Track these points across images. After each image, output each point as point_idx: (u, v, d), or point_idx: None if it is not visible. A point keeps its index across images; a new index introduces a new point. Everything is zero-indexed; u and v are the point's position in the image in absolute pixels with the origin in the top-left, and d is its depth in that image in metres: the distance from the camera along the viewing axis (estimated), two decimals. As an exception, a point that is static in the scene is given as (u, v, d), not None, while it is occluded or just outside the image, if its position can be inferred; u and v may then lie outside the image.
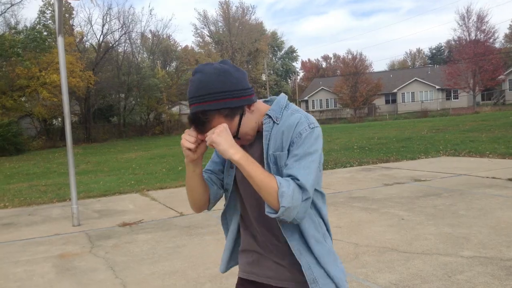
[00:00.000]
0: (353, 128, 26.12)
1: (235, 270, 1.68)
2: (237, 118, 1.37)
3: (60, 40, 5.96)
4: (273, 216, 1.33)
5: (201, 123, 1.35)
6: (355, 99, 47.30)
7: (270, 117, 1.44)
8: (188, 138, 1.39)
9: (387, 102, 52.84)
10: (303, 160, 1.36)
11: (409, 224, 5.31)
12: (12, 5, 25.50)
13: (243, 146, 1.43)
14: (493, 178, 8.05)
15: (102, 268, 4.45)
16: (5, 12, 26.07)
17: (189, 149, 1.39)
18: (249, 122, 1.41)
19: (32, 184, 11.37)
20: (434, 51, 79.67)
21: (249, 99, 1.38)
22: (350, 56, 51.23)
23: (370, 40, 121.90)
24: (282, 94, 1.53)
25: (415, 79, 50.49)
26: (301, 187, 1.32)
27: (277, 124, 1.42)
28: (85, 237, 5.71)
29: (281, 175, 1.37)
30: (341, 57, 61.39)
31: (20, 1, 25.92)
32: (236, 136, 1.39)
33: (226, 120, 1.35)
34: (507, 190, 6.91)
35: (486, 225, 5.06)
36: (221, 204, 1.63)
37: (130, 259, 4.66)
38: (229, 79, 1.34)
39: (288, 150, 1.39)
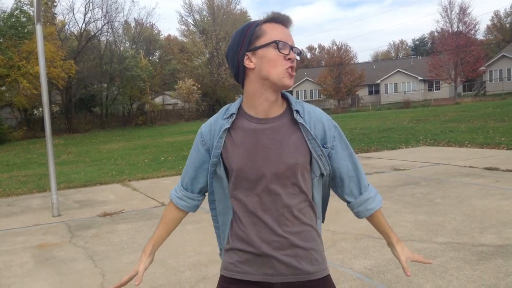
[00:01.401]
0: (336, 119, 26.27)
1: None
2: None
3: (38, 28, 5.87)
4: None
5: (289, 20, 1.48)
6: (339, 90, 47.58)
7: (298, 112, 1.47)
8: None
9: (370, 93, 53.31)
10: (359, 165, 1.59)
11: (386, 212, 5.41)
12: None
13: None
14: (470, 167, 8.23)
15: (81, 257, 4.45)
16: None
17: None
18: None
19: (12, 174, 11.22)
20: (417, 42, 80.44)
21: None
22: (335, 47, 51.41)
23: (354, 31, 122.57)
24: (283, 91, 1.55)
25: (398, 70, 50.97)
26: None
27: (304, 118, 1.46)
28: (65, 228, 5.68)
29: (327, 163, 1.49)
30: (326, 47, 61.54)
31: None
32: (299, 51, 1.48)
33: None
34: (483, 179, 7.07)
35: (461, 212, 5.19)
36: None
37: (110, 249, 4.67)
38: None
39: (326, 146, 1.49)
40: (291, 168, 1.43)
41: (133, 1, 56.47)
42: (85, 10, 36.86)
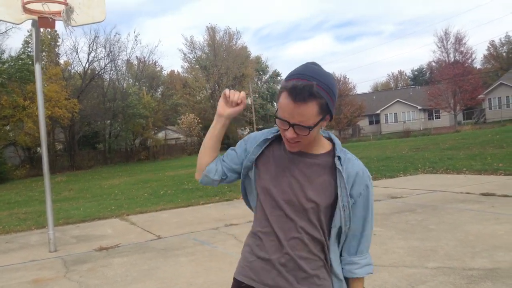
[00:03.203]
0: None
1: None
2: (319, 119, 1.42)
3: (37, 68, 6.08)
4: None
5: (301, 97, 1.37)
6: (339, 121, 47.89)
7: (340, 158, 1.51)
8: (235, 93, 1.60)
9: (370, 123, 53.63)
10: (369, 231, 1.57)
11: (380, 239, 5.42)
12: (-3, 35, 25.65)
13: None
14: (467, 193, 8.24)
15: (75, 291, 4.47)
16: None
17: (233, 103, 1.63)
18: (315, 134, 1.48)
19: (13, 212, 11.27)
20: (416, 72, 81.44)
21: (331, 114, 1.47)
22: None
23: (353, 63, 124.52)
24: (334, 136, 1.61)
25: (398, 100, 51.45)
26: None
27: (343, 167, 1.50)
28: (61, 262, 5.71)
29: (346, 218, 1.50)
30: (325, 80, 62.23)
31: (5, 32, 26.08)
32: (308, 129, 1.42)
33: (316, 112, 1.40)
34: (479, 204, 7.09)
35: (455, 238, 5.20)
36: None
37: (103, 282, 4.69)
38: (336, 88, 1.47)
39: (355, 200, 1.51)
40: (310, 204, 1.49)
41: (136, 40, 57.73)
42: (89, 50, 37.62)
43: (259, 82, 69.98)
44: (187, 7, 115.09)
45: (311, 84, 1.37)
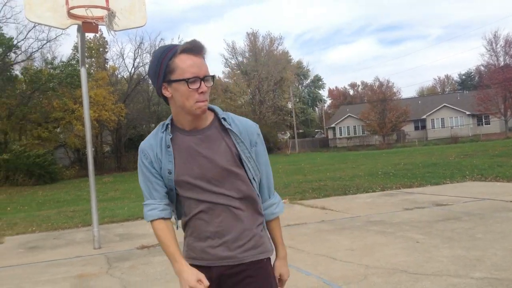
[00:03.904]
0: (380, 155, 25.85)
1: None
2: None
3: (83, 71, 6.34)
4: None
5: (203, 50, 1.60)
6: (384, 126, 46.88)
7: (225, 119, 1.67)
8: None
9: (416, 128, 52.12)
10: (271, 172, 1.78)
11: (423, 247, 5.24)
12: (47, 41, 26.95)
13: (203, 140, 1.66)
14: (518, 202, 7.83)
15: (116, 287, 4.59)
16: (41, 48, 27.53)
17: None
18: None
19: (61, 210, 11.77)
20: (463, 76, 78.48)
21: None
22: (377, 83, 51.17)
23: (398, 67, 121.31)
24: (212, 105, 1.75)
25: (444, 105, 49.76)
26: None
27: (231, 124, 1.66)
28: (104, 259, 5.89)
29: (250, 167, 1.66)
30: (369, 84, 61.29)
31: (55, 38, 27.36)
32: (212, 79, 1.61)
33: None
34: (531, 214, 6.71)
35: (503, 247, 4.95)
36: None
37: (144, 279, 4.79)
38: None
39: (251, 148, 1.68)
40: (225, 171, 1.62)
41: (180, 45, 58.79)
42: (134, 56, 38.83)
43: (300, 86, 69.72)
44: (230, 13, 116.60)
45: (201, 41, 1.59)
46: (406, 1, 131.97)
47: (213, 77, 1.61)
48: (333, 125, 57.29)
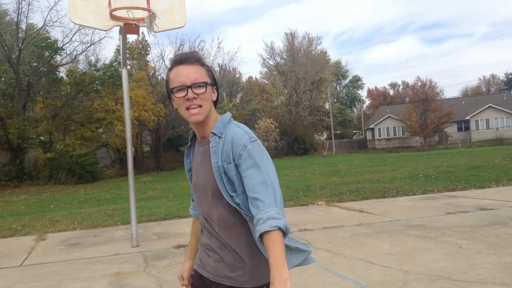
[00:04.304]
0: (421, 157, 25.12)
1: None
2: (209, 80, 1.66)
3: (124, 72, 6.47)
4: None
5: (190, 59, 1.63)
6: (425, 127, 45.57)
7: (215, 134, 1.64)
8: None
9: (459, 129, 50.38)
10: (265, 186, 1.51)
11: (467, 253, 5.01)
12: (91, 44, 27.85)
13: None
14: None
15: (152, 286, 4.64)
16: (85, 50, 28.49)
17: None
18: (211, 104, 1.67)
19: (101, 208, 12.08)
20: (510, 76, 75.19)
21: (218, 87, 1.75)
22: (419, 83, 49.82)
23: (440, 66, 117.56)
24: (228, 113, 1.74)
25: (490, 106, 47.83)
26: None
27: (222, 137, 1.62)
28: (141, 257, 5.98)
29: (231, 184, 1.57)
30: (410, 84, 59.75)
31: (99, 41, 28.27)
32: (204, 85, 1.62)
33: (205, 73, 1.65)
34: None
35: (555, 256, 4.65)
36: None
37: (179, 279, 4.81)
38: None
39: (236, 164, 1.56)
40: (209, 185, 1.65)
41: (219, 47, 59.60)
42: (174, 57, 39.50)
43: (338, 86, 68.90)
44: (269, 14, 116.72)
45: (195, 51, 1.65)
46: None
47: (206, 83, 1.61)
48: (372, 126, 56.23)
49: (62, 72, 29.48)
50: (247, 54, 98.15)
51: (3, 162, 24.39)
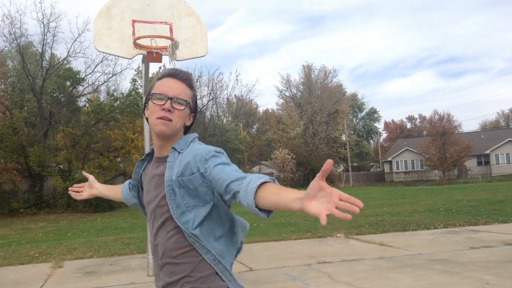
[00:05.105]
0: (441, 190, 24.65)
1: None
2: (190, 104, 1.68)
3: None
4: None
5: (182, 76, 1.65)
6: (444, 161, 44.90)
7: (175, 149, 1.62)
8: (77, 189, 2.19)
9: (479, 163, 49.50)
10: (229, 166, 1.51)
11: (495, 289, 4.80)
12: (113, 75, 28.55)
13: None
14: None
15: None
16: (107, 81, 29.20)
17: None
18: (181, 123, 1.67)
19: (118, 237, 12.05)
20: (531, 110, 74.22)
21: (195, 114, 1.79)
22: (436, 117, 49.49)
23: (458, 101, 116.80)
24: (194, 133, 1.73)
25: (509, 140, 47.05)
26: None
27: (182, 153, 1.60)
28: (157, 287, 5.88)
29: (191, 197, 1.54)
30: (427, 117, 59.35)
31: (120, 72, 28.95)
32: (185, 103, 1.63)
33: (190, 96, 1.67)
34: None
35: None
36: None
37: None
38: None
39: (201, 172, 1.52)
40: (161, 207, 1.60)
41: (237, 79, 60.54)
42: (193, 89, 40.28)
43: (354, 119, 68.85)
44: (285, 48, 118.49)
45: (190, 73, 1.65)
46: (467, 33, 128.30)
47: (187, 102, 1.61)
48: (389, 159, 55.67)
49: (83, 102, 30.18)
50: (263, 86, 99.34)
51: (23, 190, 24.68)
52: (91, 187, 2.17)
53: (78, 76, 26.71)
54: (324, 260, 6.95)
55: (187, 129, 1.71)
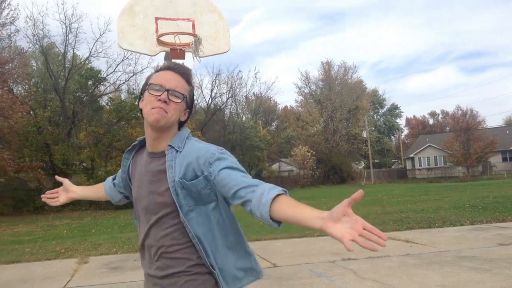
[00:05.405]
0: (465, 187, 24.15)
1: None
2: (186, 98, 1.65)
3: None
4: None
5: (181, 70, 1.64)
6: (468, 157, 44.01)
7: (172, 147, 1.59)
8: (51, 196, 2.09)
9: (504, 159, 48.42)
10: (236, 170, 1.50)
11: (528, 287, 4.65)
12: (133, 74, 28.88)
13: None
14: None
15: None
16: (128, 80, 29.56)
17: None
18: (175, 118, 1.65)
19: (141, 233, 12.17)
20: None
21: (191, 110, 1.76)
22: (459, 112, 48.53)
23: (481, 96, 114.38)
24: (186, 128, 1.70)
25: (536, 135, 45.81)
26: None
27: (180, 152, 1.58)
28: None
29: (192, 199, 1.54)
30: (450, 113, 58.25)
31: (141, 71, 29.26)
32: (181, 96, 1.61)
33: (187, 90, 1.65)
34: None
35: None
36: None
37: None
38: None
39: (205, 175, 1.52)
40: (162, 205, 1.58)
41: (256, 77, 60.41)
42: (212, 87, 40.39)
43: (375, 115, 68.10)
44: (303, 45, 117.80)
45: (189, 69, 1.64)
46: (491, 27, 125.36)
47: (184, 96, 1.59)
48: (411, 155, 54.86)
49: (105, 101, 30.62)
50: (282, 84, 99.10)
51: (47, 187, 25.20)
52: (68, 191, 2.10)
53: (99, 76, 27.10)
54: (348, 257, 6.87)
55: (180, 125, 1.68)
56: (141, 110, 1.62)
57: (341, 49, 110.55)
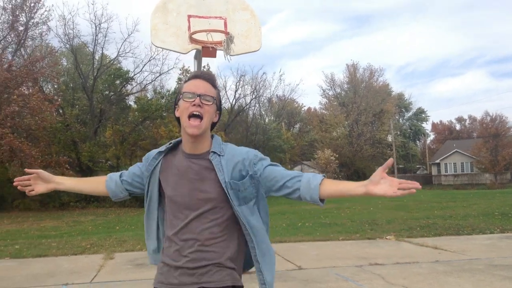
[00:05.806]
0: (493, 194, 23.51)
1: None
2: (216, 100, 1.87)
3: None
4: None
5: (206, 77, 1.83)
6: (496, 163, 42.87)
7: (215, 153, 1.79)
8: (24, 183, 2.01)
9: (534, 167, 46.91)
10: (277, 166, 1.82)
11: None
12: (160, 74, 29.18)
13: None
14: None
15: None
16: (154, 80, 29.88)
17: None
18: (209, 122, 1.85)
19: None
20: None
21: (220, 111, 1.96)
22: (488, 118, 47.35)
23: (511, 101, 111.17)
24: (217, 135, 1.90)
25: None
26: None
27: (223, 156, 1.79)
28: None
29: (239, 198, 1.76)
30: (478, 118, 56.86)
31: (167, 71, 29.55)
32: (212, 99, 1.81)
33: (215, 93, 1.84)
34: None
35: None
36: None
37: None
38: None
39: (251, 174, 1.78)
40: (204, 201, 1.75)
41: (280, 79, 60.18)
42: (236, 88, 40.50)
43: (401, 119, 67.06)
44: (329, 47, 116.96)
45: (213, 74, 1.85)
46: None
47: (214, 98, 1.79)
48: (437, 161, 53.78)
49: (131, 100, 31.05)
50: (306, 86, 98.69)
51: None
52: (48, 182, 2.03)
53: (127, 75, 27.48)
54: (375, 262, 6.73)
55: (212, 126, 1.86)
56: (177, 118, 1.82)
57: (367, 51, 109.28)
